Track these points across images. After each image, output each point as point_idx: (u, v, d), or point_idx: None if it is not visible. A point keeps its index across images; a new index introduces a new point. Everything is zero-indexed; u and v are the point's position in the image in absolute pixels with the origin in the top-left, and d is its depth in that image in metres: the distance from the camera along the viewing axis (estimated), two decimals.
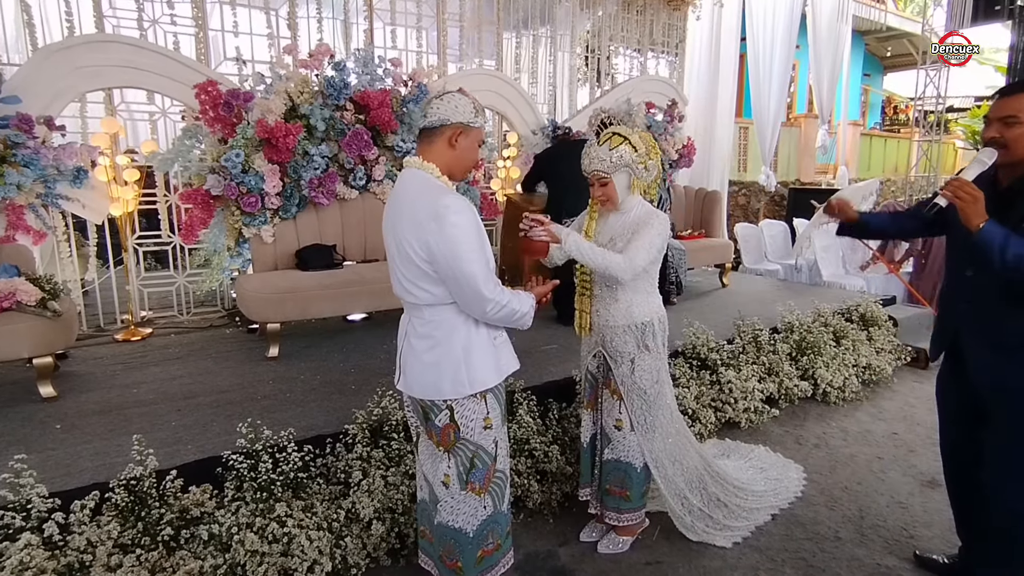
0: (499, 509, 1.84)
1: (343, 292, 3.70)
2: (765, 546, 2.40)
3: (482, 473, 1.77)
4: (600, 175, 2.14)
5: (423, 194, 1.62)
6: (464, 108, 1.66)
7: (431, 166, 1.67)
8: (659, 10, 6.56)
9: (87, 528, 1.91)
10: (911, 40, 12.31)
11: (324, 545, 2.08)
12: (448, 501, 1.78)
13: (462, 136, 1.67)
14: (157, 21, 4.12)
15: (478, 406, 1.73)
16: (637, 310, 2.22)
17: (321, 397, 2.96)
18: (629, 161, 2.11)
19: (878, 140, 12.42)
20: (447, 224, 1.55)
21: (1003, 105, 1.76)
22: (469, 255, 1.57)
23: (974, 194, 1.68)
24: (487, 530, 1.81)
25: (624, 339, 2.23)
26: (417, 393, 1.75)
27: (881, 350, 4.29)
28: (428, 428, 1.79)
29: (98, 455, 2.34)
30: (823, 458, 3.13)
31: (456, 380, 1.69)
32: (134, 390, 3.05)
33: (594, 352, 2.35)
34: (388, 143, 4.20)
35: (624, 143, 2.11)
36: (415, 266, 1.63)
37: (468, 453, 1.75)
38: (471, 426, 1.73)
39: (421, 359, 1.72)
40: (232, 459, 2.19)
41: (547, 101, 6.07)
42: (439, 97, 1.69)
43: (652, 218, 2.16)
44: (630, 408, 2.27)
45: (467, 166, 1.73)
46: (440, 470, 1.78)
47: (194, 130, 3.83)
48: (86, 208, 3.75)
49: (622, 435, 2.30)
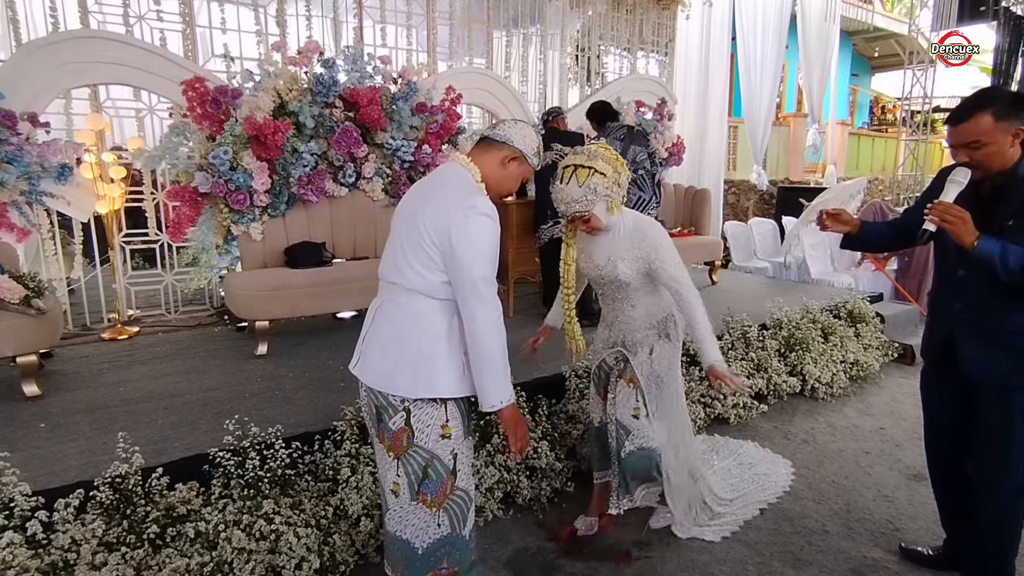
0: (458, 532, 1.69)
1: (332, 290, 3.68)
2: (753, 540, 2.41)
3: (436, 485, 1.64)
4: (580, 215, 2.06)
5: (459, 187, 1.62)
6: (530, 142, 1.72)
7: (475, 168, 1.67)
8: (649, 9, 6.58)
9: (71, 526, 1.89)
10: (898, 41, 12.42)
11: (312, 542, 2.07)
12: (396, 510, 1.68)
13: (515, 162, 1.71)
14: (143, 17, 4.08)
15: (437, 411, 1.63)
16: (655, 308, 2.27)
17: (310, 394, 2.95)
18: (603, 191, 2.02)
19: (866, 139, 12.53)
20: (472, 220, 1.54)
21: (961, 132, 1.78)
22: (483, 255, 1.56)
23: (961, 216, 1.71)
24: (441, 552, 1.68)
25: (646, 333, 2.28)
26: (371, 381, 1.65)
27: (868, 346, 4.33)
28: (380, 430, 1.67)
29: (83, 453, 2.32)
30: (811, 453, 3.16)
31: (414, 378, 1.59)
32: (120, 388, 3.02)
33: (613, 348, 2.36)
34: (378, 140, 4.19)
35: (592, 174, 2.00)
36: (421, 248, 1.57)
37: (421, 461, 1.63)
38: (427, 432, 1.62)
39: (384, 345, 1.64)
40: (219, 456, 2.17)
41: (537, 100, 6.08)
42: (516, 121, 1.77)
43: (650, 234, 2.14)
44: (647, 395, 2.28)
45: (503, 190, 1.75)
46: (390, 477, 1.67)
47: (182, 127, 3.80)
48: (71, 206, 3.71)
49: (639, 423, 2.30)
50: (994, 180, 1.81)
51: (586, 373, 3.14)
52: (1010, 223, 1.77)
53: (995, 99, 1.75)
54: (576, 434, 2.87)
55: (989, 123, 1.73)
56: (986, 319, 1.87)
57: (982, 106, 1.74)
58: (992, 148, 1.75)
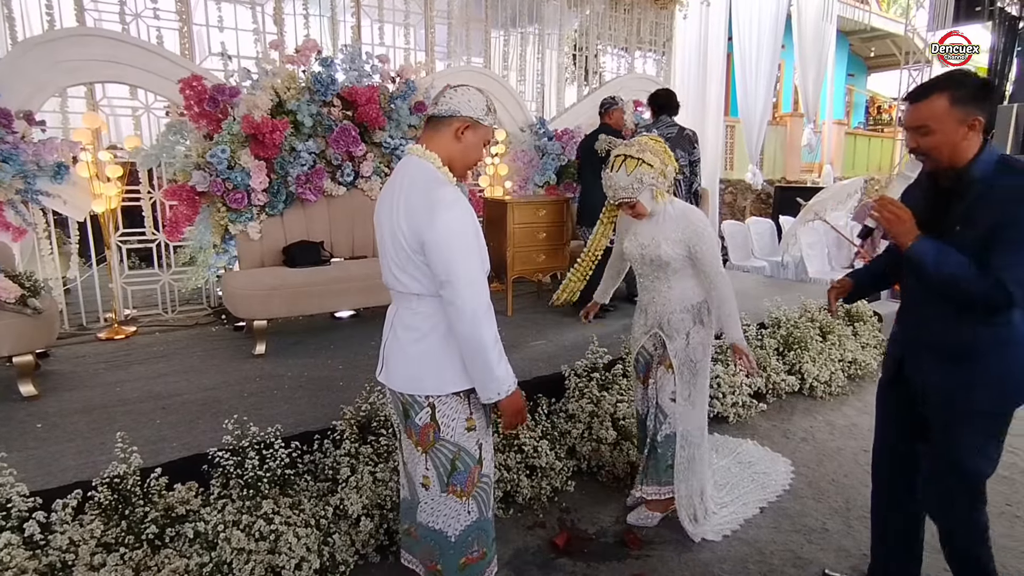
0: (485, 516, 1.76)
1: (331, 289, 3.67)
2: (753, 539, 2.41)
3: (464, 476, 1.69)
4: (627, 201, 2.21)
5: (419, 183, 1.57)
6: (477, 103, 1.62)
7: (433, 155, 1.61)
8: (647, 9, 6.58)
9: (69, 527, 1.88)
10: (894, 41, 12.46)
11: (312, 542, 2.06)
12: (428, 503, 1.72)
13: (469, 131, 1.63)
14: (140, 15, 4.06)
15: (461, 405, 1.66)
16: (691, 292, 2.34)
17: (309, 394, 2.93)
18: (650, 180, 2.17)
19: (862, 139, 12.57)
20: (439, 218, 1.50)
21: (913, 113, 1.60)
22: (456, 250, 1.51)
23: (898, 213, 1.58)
24: (471, 536, 1.73)
25: (682, 318, 2.34)
26: (398, 386, 1.69)
27: (866, 345, 4.33)
28: (407, 426, 1.72)
29: (81, 454, 2.30)
30: (810, 451, 3.16)
31: (439, 376, 1.63)
32: (118, 388, 3.00)
33: (650, 332, 2.43)
34: (376, 139, 4.18)
35: (640, 164, 2.15)
36: (406, 255, 1.57)
37: (448, 454, 1.67)
38: (452, 426, 1.65)
39: (405, 351, 1.66)
40: (218, 456, 2.16)
41: (535, 99, 6.07)
42: (454, 88, 1.64)
43: (695, 220, 2.25)
44: (679, 379, 2.36)
45: (469, 162, 1.69)
46: (419, 471, 1.71)
47: (179, 126, 3.78)
48: (67, 204, 3.69)
49: (675, 407, 2.39)
50: (947, 176, 1.62)
51: (585, 372, 3.14)
52: (957, 228, 1.58)
53: (958, 83, 1.55)
54: (576, 433, 2.86)
55: (943, 107, 1.53)
56: (936, 329, 1.69)
57: (941, 88, 1.55)
58: (939, 137, 1.55)
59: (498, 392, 1.59)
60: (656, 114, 4.36)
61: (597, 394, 3.00)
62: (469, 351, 1.57)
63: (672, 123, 4.29)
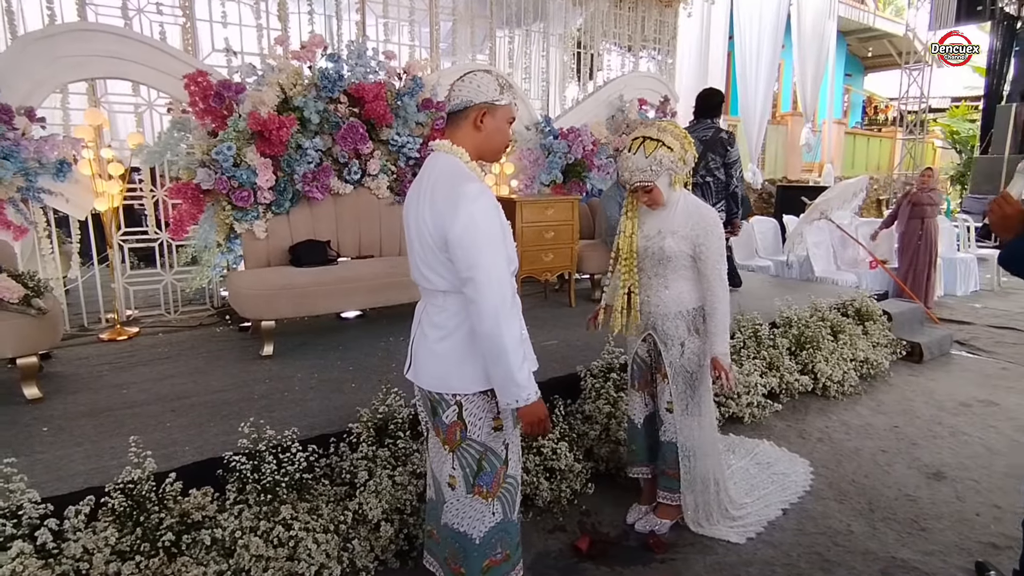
0: (509, 517, 1.73)
1: (338, 289, 3.60)
2: (778, 541, 2.37)
3: (490, 477, 1.66)
4: (644, 184, 2.13)
5: (445, 178, 1.54)
6: (488, 86, 1.58)
7: (460, 150, 1.59)
8: (651, 7, 6.55)
9: (82, 535, 1.81)
10: (891, 41, 12.49)
11: (332, 548, 2.01)
12: (454, 503, 1.70)
13: (488, 116, 1.59)
14: (142, 10, 3.98)
15: (488, 404, 1.63)
16: (687, 296, 2.25)
17: (320, 396, 2.87)
18: (668, 164, 2.11)
19: (861, 138, 12.59)
20: (462, 212, 1.47)
21: None
22: (479, 245, 1.47)
23: (1005, 209, 1.61)
24: (495, 538, 1.70)
25: (675, 323, 2.26)
26: (425, 384, 1.67)
27: (877, 344, 4.31)
28: (435, 424, 1.71)
29: (90, 458, 2.23)
30: (828, 452, 3.13)
31: (464, 374, 1.60)
32: (124, 391, 2.93)
33: (644, 336, 2.37)
34: (383, 137, 4.12)
35: (659, 146, 2.09)
36: (431, 250, 1.55)
37: (475, 454, 1.65)
38: (479, 425, 1.63)
39: (432, 348, 1.63)
40: (234, 460, 2.10)
41: (540, 97, 6.02)
42: (461, 79, 1.60)
43: (706, 217, 2.17)
44: (674, 390, 2.29)
45: (497, 147, 1.65)
46: (445, 471, 1.69)
47: (183, 122, 3.71)
48: (69, 203, 3.61)
49: (672, 417, 2.32)
50: None
51: (601, 372, 3.09)
52: None
53: None
54: (593, 435, 2.81)
55: None
56: None
57: None
58: None
59: (517, 399, 1.54)
60: (697, 114, 4.33)
61: (614, 395, 2.95)
62: (489, 352, 1.52)
63: (710, 125, 4.26)
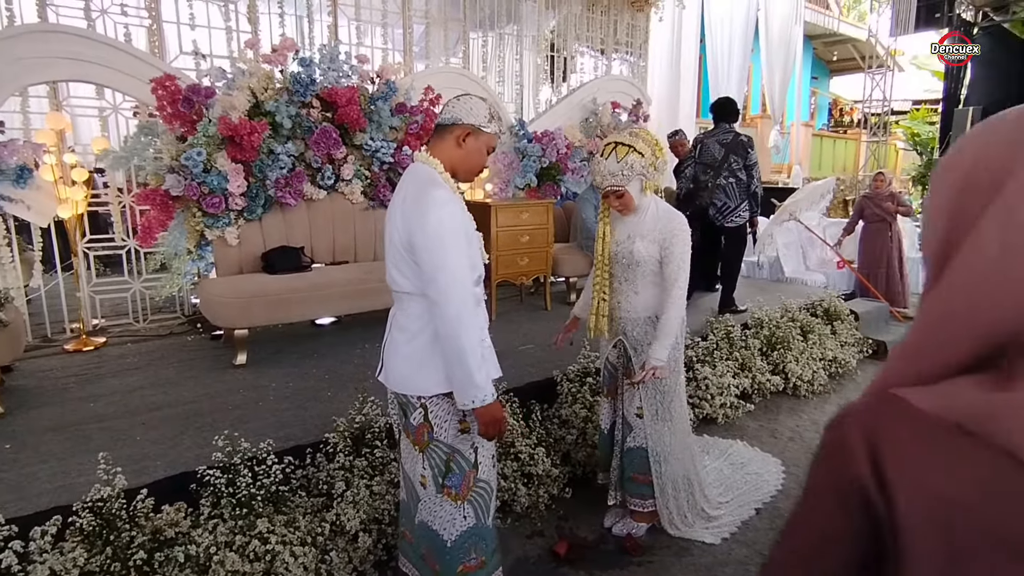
0: (483, 523, 1.74)
1: (312, 295, 3.56)
2: (752, 540, 2.43)
3: (459, 479, 1.69)
4: (615, 189, 2.17)
5: (418, 184, 1.62)
6: (479, 112, 1.68)
7: (435, 161, 1.68)
8: (623, 10, 6.62)
9: (49, 556, 1.76)
10: (855, 45, 12.82)
11: (309, 561, 1.99)
12: (427, 502, 1.73)
13: (471, 137, 1.68)
14: (106, 11, 3.89)
15: (452, 406, 1.65)
16: (656, 302, 2.26)
17: (296, 405, 2.84)
18: (640, 169, 2.15)
19: (827, 140, 12.88)
20: (430, 215, 1.54)
21: None
22: (448, 251, 1.54)
23: None
24: (468, 543, 1.72)
25: (645, 330, 2.28)
26: (393, 386, 1.73)
27: (845, 343, 4.42)
28: (405, 426, 1.75)
29: (56, 476, 2.17)
30: (799, 451, 3.20)
31: (427, 376, 1.64)
32: (91, 404, 2.85)
33: (614, 342, 2.38)
34: (356, 142, 4.08)
35: (630, 151, 2.14)
36: (401, 254, 1.63)
37: (443, 455, 1.68)
38: (444, 427, 1.67)
39: (399, 351, 1.69)
40: (208, 474, 2.06)
41: (514, 100, 6.04)
42: (458, 98, 1.72)
43: (674, 226, 2.19)
44: (643, 396, 2.31)
45: (472, 168, 1.74)
46: (417, 470, 1.73)
47: (150, 127, 3.63)
48: (31, 210, 3.51)
49: (643, 423, 2.34)
50: None
51: (577, 377, 3.12)
52: None
53: None
54: (570, 439, 2.83)
55: None
56: None
57: None
58: None
59: (473, 399, 1.58)
60: (715, 120, 4.46)
61: (590, 399, 2.98)
62: (450, 353, 1.58)
63: (729, 129, 4.38)
